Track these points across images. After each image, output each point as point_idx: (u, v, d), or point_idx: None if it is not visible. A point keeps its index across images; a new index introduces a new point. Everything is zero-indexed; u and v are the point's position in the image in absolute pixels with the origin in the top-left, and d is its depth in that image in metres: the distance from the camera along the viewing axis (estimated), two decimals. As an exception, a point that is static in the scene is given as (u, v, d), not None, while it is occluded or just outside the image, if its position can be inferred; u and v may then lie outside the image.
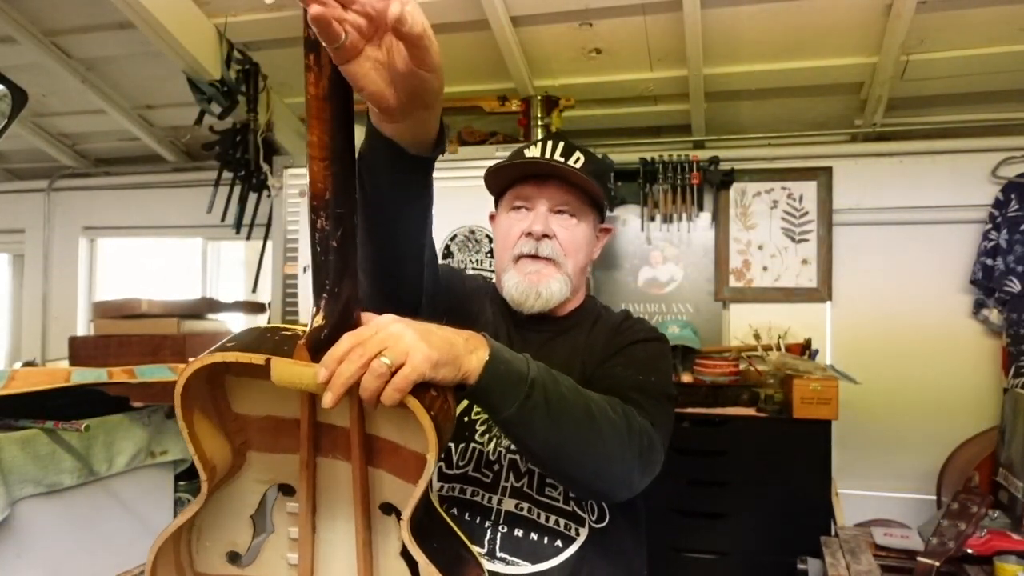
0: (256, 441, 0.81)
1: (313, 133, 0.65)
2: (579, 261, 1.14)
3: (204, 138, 2.92)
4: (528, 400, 0.79)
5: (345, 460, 0.78)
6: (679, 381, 2.58)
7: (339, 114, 0.66)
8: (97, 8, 2.45)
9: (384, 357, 0.67)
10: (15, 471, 1.17)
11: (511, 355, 0.81)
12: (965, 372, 2.70)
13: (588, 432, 0.84)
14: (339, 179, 0.66)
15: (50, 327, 3.79)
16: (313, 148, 0.65)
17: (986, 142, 2.68)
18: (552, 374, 0.85)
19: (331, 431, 0.78)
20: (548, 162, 1.09)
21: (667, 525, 2.41)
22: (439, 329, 0.74)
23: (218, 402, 0.78)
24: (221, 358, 0.69)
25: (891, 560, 1.52)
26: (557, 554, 1.02)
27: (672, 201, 2.91)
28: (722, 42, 2.44)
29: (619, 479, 0.90)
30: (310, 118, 0.65)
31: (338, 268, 0.68)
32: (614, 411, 0.89)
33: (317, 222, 0.67)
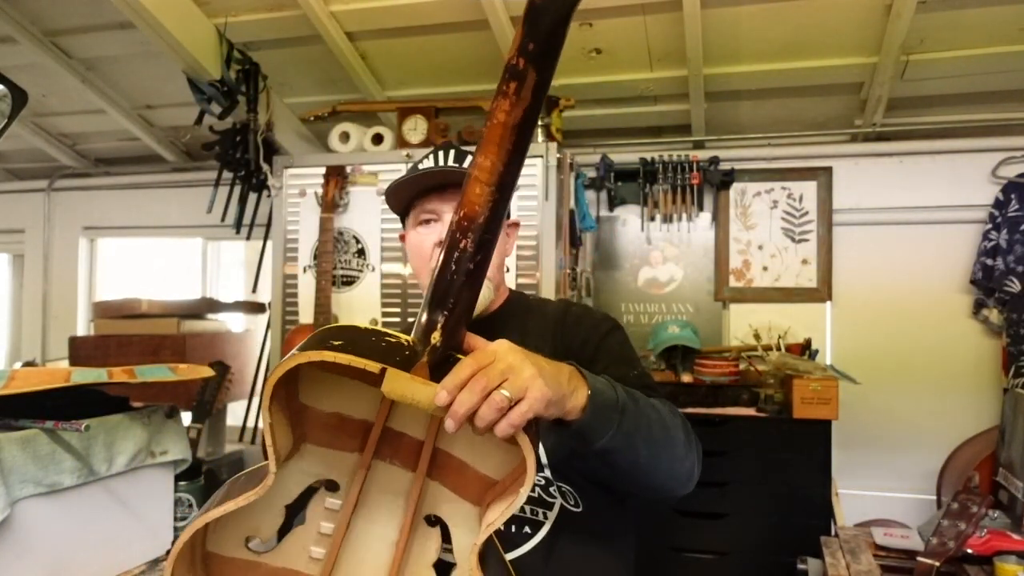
0: (315, 435, 0.80)
1: (488, 157, 0.65)
2: (495, 260, 1.15)
3: (204, 138, 2.92)
4: (620, 427, 0.82)
5: (402, 467, 0.79)
6: (679, 381, 2.58)
7: (519, 146, 0.66)
8: (97, 8, 2.45)
9: (504, 390, 0.67)
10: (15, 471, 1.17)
11: (602, 384, 0.82)
12: (965, 372, 2.70)
13: (665, 442, 0.89)
14: (497, 207, 0.66)
15: (50, 327, 3.79)
16: (483, 172, 0.65)
17: (986, 142, 2.68)
18: (631, 393, 0.87)
19: (396, 437, 0.78)
20: (444, 169, 1.10)
21: (667, 525, 2.41)
22: (547, 363, 0.74)
23: (289, 390, 0.77)
24: (333, 358, 0.67)
25: (891, 560, 1.52)
26: (526, 541, 1.03)
27: (672, 201, 2.91)
28: (722, 42, 2.44)
29: (686, 476, 0.96)
30: (488, 143, 0.65)
31: (466, 291, 0.69)
32: (672, 413, 0.94)
33: (461, 242, 0.67)
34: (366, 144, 2.64)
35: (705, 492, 2.38)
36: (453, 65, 2.72)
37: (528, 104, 0.64)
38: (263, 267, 3.05)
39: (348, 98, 2.88)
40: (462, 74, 2.76)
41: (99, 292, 3.83)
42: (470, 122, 2.69)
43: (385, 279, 2.51)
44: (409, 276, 2.49)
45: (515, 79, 0.63)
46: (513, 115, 0.64)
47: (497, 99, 0.64)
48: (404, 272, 2.50)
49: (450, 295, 0.68)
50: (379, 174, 2.52)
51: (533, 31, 0.62)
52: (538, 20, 0.62)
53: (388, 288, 2.51)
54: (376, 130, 2.65)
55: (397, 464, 0.79)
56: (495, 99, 0.64)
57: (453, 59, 2.69)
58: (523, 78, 0.63)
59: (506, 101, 0.63)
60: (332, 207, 2.48)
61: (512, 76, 0.63)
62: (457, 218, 0.67)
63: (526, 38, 0.62)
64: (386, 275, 2.51)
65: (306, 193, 2.56)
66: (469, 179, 0.66)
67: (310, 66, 2.78)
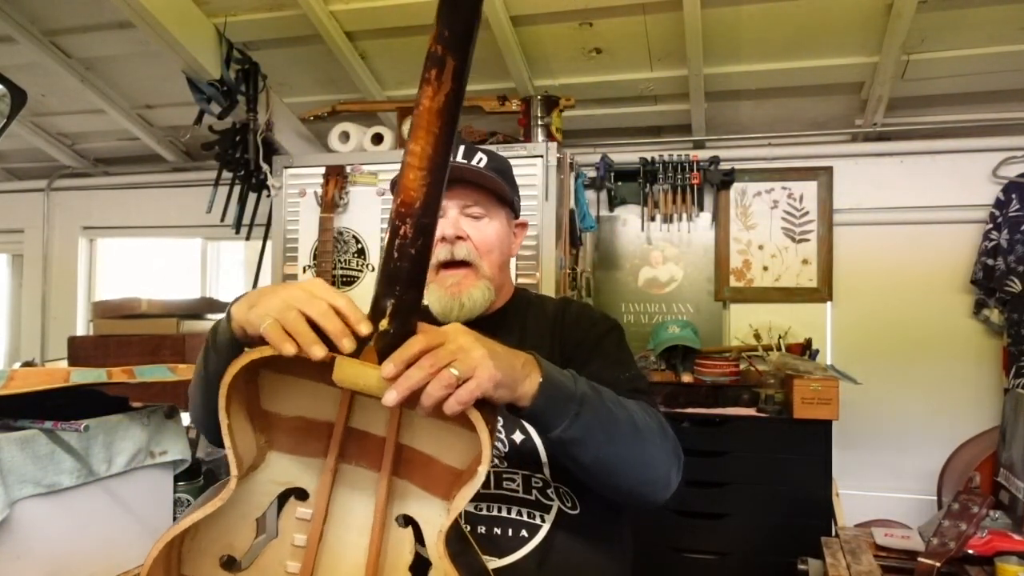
0: (280, 441, 0.79)
1: (418, 143, 0.67)
2: (495, 259, 1.14)
3: (204, 138, 2.91)
4: (578, 418, 0.81)
5: (370, 468, 0.78)
6: (679, 381, 2.58)
7: (446, 129, 0.67)
8: (97, 8, 2.45)
9: (453, 368, 0.68)
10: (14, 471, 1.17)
11: (560, 374, 0.83)
12: (966, 372, 2.70)
13: (633, 442, 0.88)
14: (432, 191, 0.68)
15: (49, 327, 3.79)
16: (414, 157, 0.67)
17: (987, 142, 2.68)
18: (596, 388, 0.87)
19: (363, 438, 0.78)
20: (455, 168, 1.08)
21: (667, 525, 2.41)
22: (502, 349, 0.76)
23: (251, 397, 0.77)
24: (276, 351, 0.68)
25: (892, 560, 1.52)
26: (523, 544, 1.02)
27: (672, 201, 2.91)
28: (722, 42, 2.44)
29: (661, 482, 0.94)
30: (417, 128, 0.67)
31: (411, 276, 0.69)
32: (648, 414, 0.92)
33: (401, 229, 0.68)
34: (366, 144, 2.63)
35: (705, 492, 2.39)
36: (453, 65, 2.72)
37: (449, 88, 0.66)
38: (263, 267, 3.05)
39: (348, 98, 2.88)
40: (462, 74, 2.76)
41: (98, 292, 3.83)
42: (470, 122, 2.69)
43: (385, 279, 2.51)
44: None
45: (435, 66, 0.65)
46: (436, 100, 0.66)
47: (422, 86, 0.66)
48: (404, 272, 2.49)
49: (397, 282, 0.69)
50: (379, 174, 2.52)
51: (447, 19, 0.65)
52: (452, 9, 0.65)
53: (388, 288, 2.50)
54: (376, 130, 2.65)
55: (364, 466, 0.79)
56: (420, 88, 0.66)
57: (453, 59, 2.68)
58: (442, 64, 0.65)
59: (429, 88, 0.66)
60: (332, 207, 2.47)
61: (432, 63, 0.66)
62: (395, 205, 0.69)
63: (442, 26, 0.65)
64: (386, 275, 2.51)
65: (306, 193, 2.56)
66: (404, 166, 0.68)
67: (310, 66, 2.78)
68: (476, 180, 1.10)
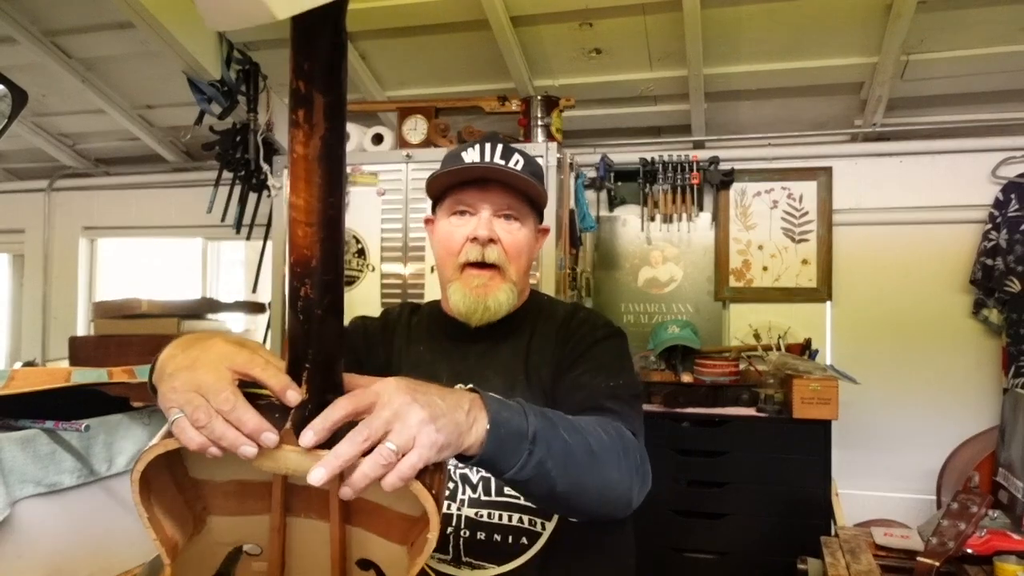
0: (218, 506, 0.72)
1: (300, 196, 0.58)
2: (522, 265, 1.12)
3: (204, 138, 2.92)
4: (531, 457, 0.76)
5: (319, 519, 0.72)
6: (679, 381, 2.58)
7: (331, 176, 0.58)
8: (97, 8, 2.45)
9: (390, 442, 0.61)
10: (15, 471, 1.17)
11: (508, 412, 0.76)
12: (965, 372, 2.70)
13: (590, 469, 0.83)
14: (328, 245, 0.60)
15: (50, 327, 3.79)
16: (299, 212, 0.58)
17: (986, 142, 2.68)
18: (549, 418, 0.81)
19: (304, 492, 0.72)
20: (490, 166, 1.07)
21: (667, 525, 2.41)
22: (442, 400, 0.69)
23: (175, 470, 0.69)
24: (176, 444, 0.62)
25: (891, 560, 1.52)
26: (523, 552, 1.01)
27: (672, 201, 2.91)
28: (722, 42, 2.44)
29: (621, 502, 0.89)
30: (295, 179, 0.58)
31: (323, 337, 0.63)
32: (607, 433, 0.88)
33: (301, 290, 0.61)
34: (366, 144, 2.64)
35: (705, 492, 2.39)
36: (453, 65, 2.72)
37: (325, 130, 0.56)
38: (263, 267, 3.05)
39: (348, 98, 2.87)
40: (462, 74, 2.77)
41: (99, 292, 3.83)
42: (470, 122, 2.69)
43: (385, 279, 2.51)
44: (409, 276, 2.49)
45: (302, 106, 0.55)
46: (312, 146, 0.56)
47: (291, 130, 0.57)
48: (404, 272, 2.50)
49: (308, 345, 0.62)
50: (379, 174, 2.52)
51: (305, 48, 0.55)
52: (308, 35, 0.54)
53: (388, 288, 2.51)
54: (376, 130, 2.65)
55: (314, 517, 0.73)
56: (289, 130, 0.57)
57: (453, 59, 2.69)
58: (310, 103, 0.55)
59: (299, 132, 0.56)
60: (332, 207, 2.47)
61: (298, 103, 0.55)
62: (290, 264, 0.61)
63: (300, 58, 0.55)
64: (386, 275, 2.51)
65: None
66: (290, 221, 0.60)
67: (310, 66, 2.77)
68: (512, 183, 1.08)
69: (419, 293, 2.47)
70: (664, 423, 2.45)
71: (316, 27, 0.54)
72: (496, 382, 1.07)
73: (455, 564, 1.01)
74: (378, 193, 2.51)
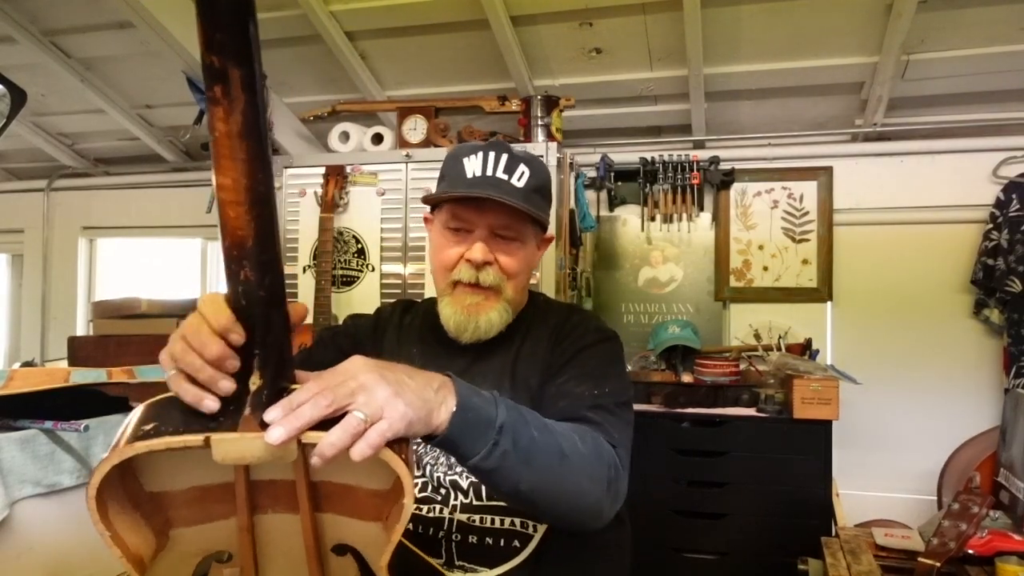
0: (179, 517, 0.70)
1: (227, 175, 0.56)
2: (520, 282, 1.09)
3: (203, 138, 2.91)
4: (496, 447, 0.75)
5: (287, 512, 0.71)
6: (679, 381, 2.58)
7: (257, 151, 0.56)
8: (96, 8, 2.45)
9: (358, 411, 0.61)
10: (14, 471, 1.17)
11: (480, 399, 0.76)
12: (966, 372, 2.70)
13: (558, 471, 0.81)
14: (262, 223, 0.58)
15: (49, 327, 3.79)
16: (227, 192, 0.57)
17: (987, 142, 2.68)
18: (521, 413, 0.81)
19: (269, 486, 0.70)
20: (485, 193, 1.01)
21: (667, 525, 2.41)
22: (411, 379, 0.69)
23: (128, 486, 0.67)
24: (146, 448, 0.59)
25: (892, 560, 1.52)
26: (516, 554, 1.01)
27: (672, 201, 2.91)
28: (722, 42, 2.44)
29: (590, 512, 0.87)
30: (220, 158, 0.56)
31: (269, 319, 0.61)
32: (583, 442, 0.86)
33: (240, 273, 0.59)
34: (366, 144, 2.63)
35: (705, 492, 2.39)
36: (453, 65, 2.72)
37: (244, 103, 0.54)
38: (263, 267, 3.05)
39: (348, 98, 2.88)
40: (462, 74, 2.76)
41: (98, 292, 3.83)
42: (470, 122, 2.69)
43: (385, 279, 2.51)
44: (409, 276, 2.49)
45: (218, 82, 0.53)
46: (233, 122, 0.54)
47: (209, 108, 0.54)
48: (404, 272, 2.50)
49: (255, 329, 0.61)
50: (379, 174, 2.52)
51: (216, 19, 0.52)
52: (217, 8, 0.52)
53: (388, 288, 2.50)
54: (376, 130, 2.65)
55: (281, 511, 0.71)
56: (208, 108, 0.55)
57: (453, 59, 2.68)
58: (225, 77, 0.53)
59: (219, 108, 0.54)
60: (332, 207, 2.47)
61: (214, 79, 0.53)
62: (226, 246, 0.59)
63: (210, 30, 0.52)
64: (386, 275, 2.51)
65: (306, 193, 2.56)
66: (220, 203, 0.58)
67: (310, 66, 2.78)
68: (511, 205, 1.01)
69: (419, 293, 2.47)
70: (664, 423, 2.45)
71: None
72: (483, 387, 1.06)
73: (448, 567, 1.01)
74: (378, 193, 2.51)
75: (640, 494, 0.99)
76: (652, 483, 2.40)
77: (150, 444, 0.59)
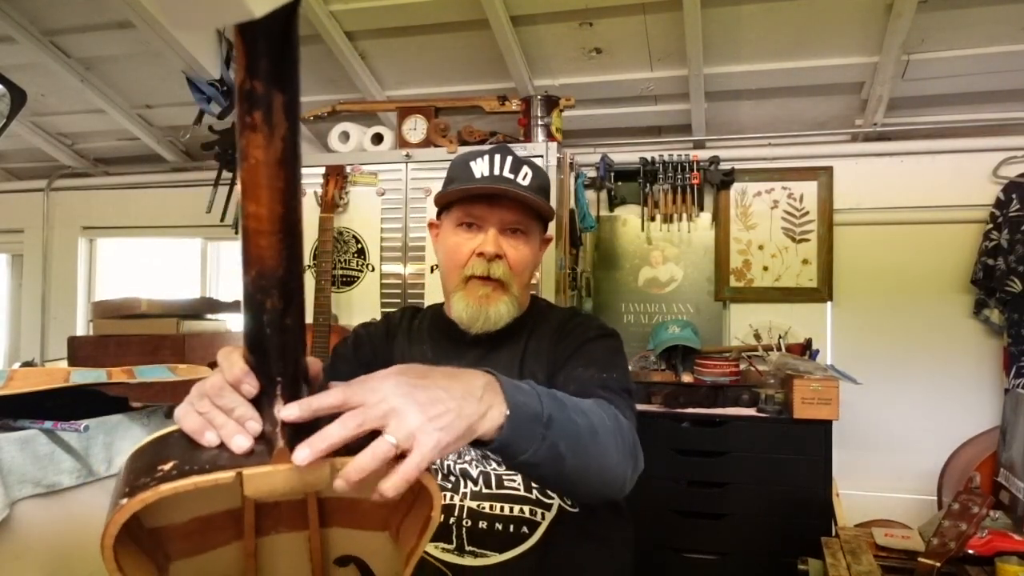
0: (179, 549, 0.67)
1: (261, 204, 0.54)
2: (525, 279, 1.16)
3: (203, 137, 2.91)
4: (544, 441, 0.75)
5: (291, 531, 0.70)
6: (679, 381, 2.58)
7: (293, 179, 0.55)
8: (96, 8, 2.45)
9: (389, 435, 0.58)
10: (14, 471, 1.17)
11: (524, 396, 0.75)
12: (966, 372, 2.70)
13: (593, 450, 0.83)
14: (292, 253, 0.57)
15: (49, 327, 3.79)
16: (260, 221, 0.55)
17: (987, 142, 2.68)
18: (558, 398, 0.81)
19: (272, 509, 0.69)
20: (499, 187, 1.09)
21: (667, 525, 2.40)
22: (448, 391, 0.66)
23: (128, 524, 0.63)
24: (172, 490, 0.55)
25: (892, 560, 1.52)
26: (523, 541, 1.03)
27: (672, 201, 2.91)
28: (722, 42, 2.44)
29: (616, 483, 0.90)
30: (255, 188, 0.54)
31: (293, 349, 0.60)
32: (608, 416, 0.89)
33: (267, 302, 0.57)
34: (366, 144, 2.63)
35: (705, 492, 2.39)
36: (453, 65, 2.72)
37: (286, 129, 0.53)
38: (263, 267, 3.04)
39: (348, 98, 2.88)
40: (462, 74, 2.76)
41: (98, 292, 3.83)
42: (470, 122, 2.69)
43: (385, 279, 2.51)
44: (409, 276, 2.49)
45: (259, 107, 0.52)
46: (274, 148, 0.53)
47: (245, 134, 0.52)
48: (404, 272, 2.50)
49: (281, 358, 0.59)
50: (379, 174, 2.52)
51: (260, 46, 0.51)
52: (261, 31, 0.50)
53: (388, 288, 2.50)
54: (376, 130, 2.65)
55: (284, 531, 0.70)
56: (242, 134, 0.53)
57: (453, 59, 2.68)
58: (268, 103, 0.52)
59: (258, 135, 0.52)
60: (332, 207, 2.47)
61: (254, 104, 0.52)
62: (252, 277, 0.57)
63: (253, 57, 0.51)
64: (386, 275, 2.51)
65: (305, 193, 2.56)
66: (249, 232, 0.56)
67: (310, 66, 2.77)
68: (522, 200, 1.10)
69: (419, 293, 2.47)
70: (664, 423, 2.45)
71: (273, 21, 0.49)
72: None
73: (458, 552, 1.04)
74: (378, 193, 2.51)
75: (640, 494, 1.00)
76: (652, 483, 2.40)
77: (176, 486, 0.55)
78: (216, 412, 0.60)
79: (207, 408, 0.61)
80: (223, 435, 0.59)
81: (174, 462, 0.58)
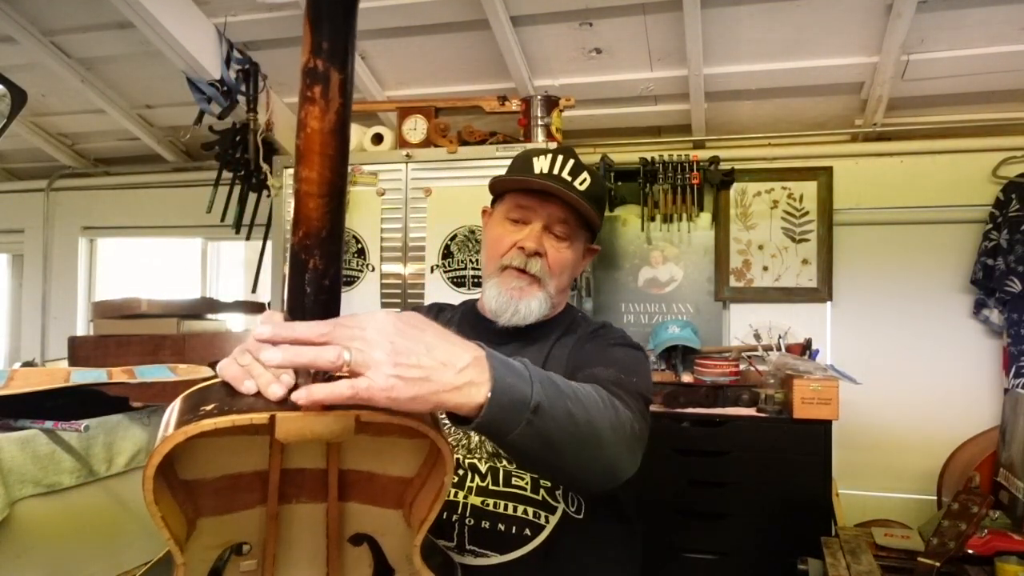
0: (208, 506, 0.71)
1: (313, 169, 0.62)
2: (563, 282, 1.16)
3: (204, 138, 2.91)
4: (530, 427, 0.73)
5: (311, 501, 0.73)
6: (679, 381, 2.58)
7: (342, 148, 0.63)
8: (97, 8, 2.45)
9: (347, 352, 0.59)
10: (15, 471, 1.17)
11: (513, 378, 0.72)
12: (965, 372, 2.70)
13: (585, 440, 0.81)
14: (336, 216, 0.64)
15: (49, 327, 3.79)
16: (311, 184, 0.62)
17: (986, 142, 2.68)
18: (555, 385, 0.79)
19: (296, 475, 0.73)
20: (556, 186, 1.09)
21: (667, 525, 2.40)
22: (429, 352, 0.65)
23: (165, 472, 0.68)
24: (213, 425, 0.59)
25: (891, 560, 1.52)
26: (526, 543, 1.02)
27: (672, 201, 2.91)
28: (722, 42, 2.44)
29: (609, 474, 0.88)
30: (309, 153, 0.62)
31: (330, 308, 0.65)
32: (605, 404, 0.86)
33: (310, 261, 0.63)
34: (366, 144, 2.63)
35: (705, 492, 2.39)
36: (453, 65, 2.72)
37: (339, 104, 0.62)
38: (263, 267, 3.05)
39: (348, 98, 2.87)
40: (462, 74, 2.76)
41: (98, 292, 3.83)
42: (470, 122, 2.69)
43: (385, 279, 2.51)
44: (409, 276, 2.49)
45: (319, 82, 0.61)
46: (328, 120, 0.61)
47: (305, 107, 0.61)
48: (404, 272, 2.50)
49: (318, 316, 0.64)
50: (379, 174, 2.52)
51: (323, 29, 0.60)
52: (326, 17, 0.60)
53: (388, 288, 2.50)
54: (376, 130, 2.65)
55: (305, 500, 0.73)
56: (302, 107, 0.61)
57: (453, 59, 2.68)
58: (327, 79, 0.61)
59: (316, 107, 0.61)
60: (332, 207, 2.47)
61: (315, 80, 0.60)
62: (299, 237, 0.63)
63: (317, 37, 0.60)
64: (386, 275, 2.51)
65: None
66: (301, 195, 0.63)
67: (310, 66, 2.77)
68: (572, 203, 1.10)
69: (419, 293, 2.47)
70: (664, 423, 2.45)
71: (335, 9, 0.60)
72: None
73: (459, 551, 1.03)
74: (378, 193, 2.51)
75: (640, 494, 1.00)
76: (652, 483, 2.40)
77: (216, 421, 0.60)
78: (255, 364, 0.65)
79: (248, 361, 0.66)
80: (260, 384, 0.64)
81: (215, 404, 0.63)
